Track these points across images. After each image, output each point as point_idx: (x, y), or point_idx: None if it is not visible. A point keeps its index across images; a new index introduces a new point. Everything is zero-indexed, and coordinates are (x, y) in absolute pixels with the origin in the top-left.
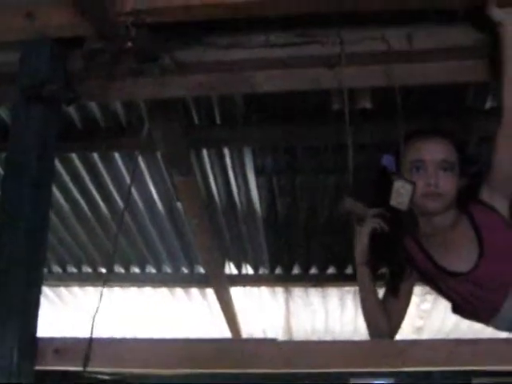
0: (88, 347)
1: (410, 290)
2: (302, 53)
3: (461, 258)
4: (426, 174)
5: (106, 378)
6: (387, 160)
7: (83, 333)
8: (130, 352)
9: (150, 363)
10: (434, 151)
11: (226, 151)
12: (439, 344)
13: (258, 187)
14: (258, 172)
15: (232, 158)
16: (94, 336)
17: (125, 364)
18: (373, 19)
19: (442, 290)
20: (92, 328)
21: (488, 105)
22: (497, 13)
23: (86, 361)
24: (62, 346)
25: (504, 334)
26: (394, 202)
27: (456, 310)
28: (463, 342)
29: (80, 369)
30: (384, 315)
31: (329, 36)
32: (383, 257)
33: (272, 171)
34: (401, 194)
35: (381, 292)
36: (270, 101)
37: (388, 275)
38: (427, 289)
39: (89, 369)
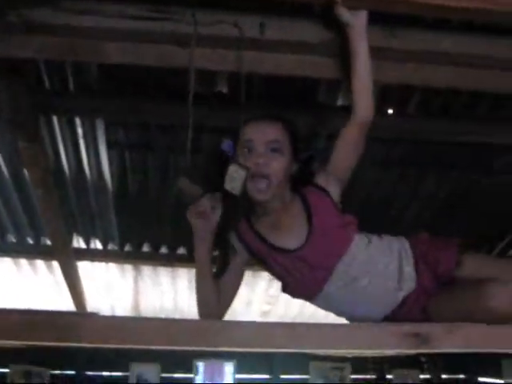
0: None
1: (241, 270)
2: (154, 28)
3: (291, 236)
4: (255, 154)
5: None
6: (227, 145)
7: None
8: None
9: None
10: (262, 131)
11: (78, 121)
12: (258, 326)
13: (110, 161)
14: (110, 145)
15: (84, 128)
16: None
17: None
18: (228, 4)
19: (272, 269)
20: None
21: (339, 102)
22: (344, 13)
23: None
24: None
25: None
26: (227, 186)
27: (285, 289)
28: (280, 326)
29: None
30: (217, 296)
31: (184, 15)
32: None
33: (124, 146)
34: (234, 178)
35: None
36: (127, 74)
37: (219, 254)
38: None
39: None
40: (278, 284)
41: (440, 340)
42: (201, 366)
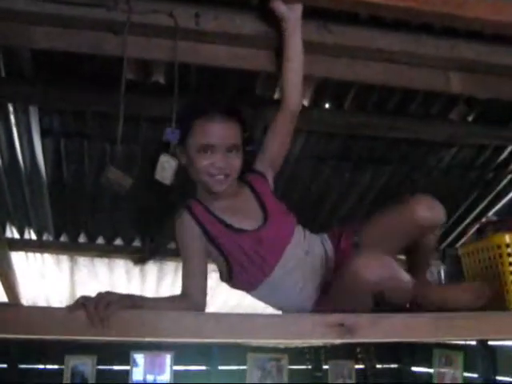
0: None
1: (206, 255)
2: (86, 14)
3: (248, 218)
4: (214, 156)
5: None
6: (172, 134)
7: None
8: None
9: None
10: (223, 136)
11: (11, 108)
12: (188, 316)
13: (44, 149)
14: (44, 133)
15: (17, 115)
16: None
17: None
18: None
19: (227, 253)
20: None
21: (277, 95)
22: (280, 6)
23: None
24: None
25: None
26: (158, 175)
27: (231, 278)
28: (210, 316)
29: None
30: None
31: (117, 2)
32: None
33: (59, 134)
34: (165, 168)
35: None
36: (62, 60)
37: None
38: (212, 267)
39: None
40: (216, 275)
41: (364, 330)
42: (139, 357)
